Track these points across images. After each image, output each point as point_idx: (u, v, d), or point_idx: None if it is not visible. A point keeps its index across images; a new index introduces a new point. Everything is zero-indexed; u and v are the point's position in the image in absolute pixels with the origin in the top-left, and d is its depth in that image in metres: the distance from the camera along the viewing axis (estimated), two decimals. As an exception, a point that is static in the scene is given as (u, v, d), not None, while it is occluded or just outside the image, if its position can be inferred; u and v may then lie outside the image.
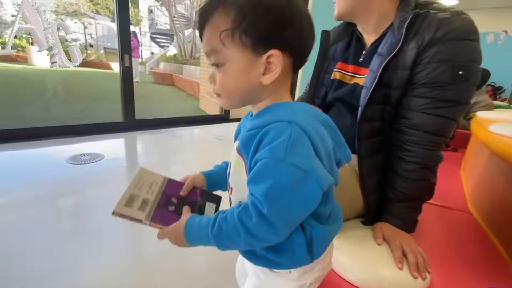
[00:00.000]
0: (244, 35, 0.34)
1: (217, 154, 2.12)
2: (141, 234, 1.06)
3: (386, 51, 0.65)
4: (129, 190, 0.44)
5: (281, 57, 0.35)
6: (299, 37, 0.37)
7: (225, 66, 0.37)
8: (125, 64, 2.27)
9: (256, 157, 0.34)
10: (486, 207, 0.93)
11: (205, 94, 3.92)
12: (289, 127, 0.33)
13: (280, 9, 0.34)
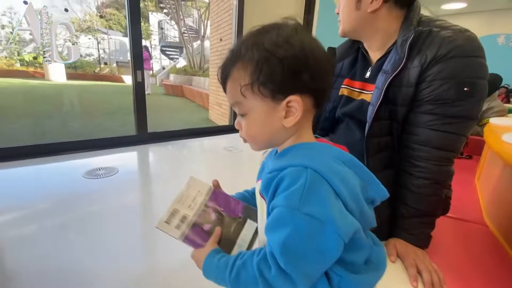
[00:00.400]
0: (262, 87, 0.36)
1: (226, 164, 2.15)
2: (156, 252, 1.08)
3: (390, 69, 0.66)
4: (173, 204, 0.46)
5: (300, 100, 0.37)
6: (317, 77, 0.37)
7: (248, 115, 0.40)
8: (138, 80, 2.36)
9: (272, 204, 0.35)
10: (502, 219, 0.91)
11: (214, 105, 3.99)
12: (305, 172, 0.33)
13: (293, 57, 0.36)
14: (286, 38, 0.36)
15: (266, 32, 0.38)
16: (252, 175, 1.79)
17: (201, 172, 1.95)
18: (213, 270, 0.40)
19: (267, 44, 0.36)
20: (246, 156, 2.33)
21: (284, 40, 0.36)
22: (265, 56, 0.36)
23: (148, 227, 1.23)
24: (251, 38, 0.38)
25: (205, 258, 0.41)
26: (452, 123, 0.60)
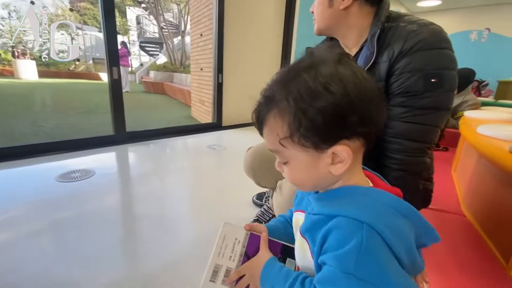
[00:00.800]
0: (303, 139, 0.33)
1: (210, 163, 2.11)
2: (137, 256, 1.03)
3: (363, 64, 0.67)
4: (213, 259, 0.43)
5: (348, 148, 0.33)
6: (366, 118, 0.33)
7: (290, 163, 0.37)
8: (114, 77, 2.25)
9: (322, 258, 0.32)
10: (479, 209, 0.94)
11: (196, 102, 3.90)
12: (360, 230, 0.30)
13: (336, 105, 0.31)
14: (326, 83, 0.32)
15: (301, 74, 0.33)
16: (237, 173, 1.76)
17: (185, 171, 1.90)
18: (272, 278, 0.39)
19: (304, 93, 0.32)
20: (230, 154, 2.30)
21: (323, 85, 0.31)
22: (303, 108, 0.32)
23: (128, 230, 1.18)
24: (286, 81, 0.34)
25: (264, 264, 0.40)
26: (423, 114, 0.61)
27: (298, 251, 0.40)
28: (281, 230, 0.50)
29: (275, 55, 3.55)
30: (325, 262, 0.32)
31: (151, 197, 1.48)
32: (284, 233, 0.49)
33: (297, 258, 0.41)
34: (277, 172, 1.02)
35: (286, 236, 0.49)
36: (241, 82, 3.23)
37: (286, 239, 0.47)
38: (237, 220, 1.24)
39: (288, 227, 0.51)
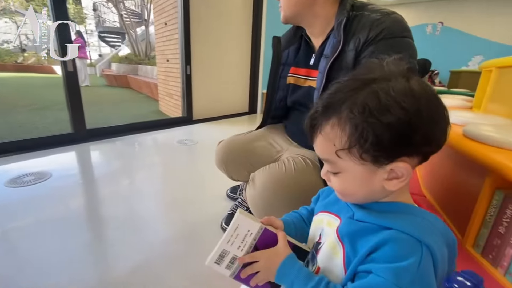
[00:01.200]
0: (364, 153, 0.32)
1: (182, 158, 2.03)
2: (105, 260, 0.97)
3: (330, 52, 0.68)
4: (222, 245, 0.42)
5: (408, 166, 0.32)
6: (431, 138, 0.32)
7: (342, 175, 0.35)
8: (68, 69, 2.05)
9: (369, 267, 0.31)
10: (437, 189, 1.01)
11: (164, 96, 3.73)
12: (420, 249, 0.30)
13: (406, 122, 0.30)
14: (399, 98, 0.30)
15: (371, 86, 0.31)
16: (209, 168, 1.71)
17: (155, 168, 1.81)
18: (293, 276, 0.37)
19: (374, 106, 0.30)
20: (202, 148, 2.24)
21: (395, 100, 0.30)
22: (370, 122, 0.30)
23: (93, 235, 1.10)
24: (351, 91, 0.32)
25: (283, 259, 0.38)
26: None
27: (325, 253, 0.38)
28: (294, 226, 0.49)
29: (245, 45, 3.49)
30: (373, 271, 0.30)
31: (119, 197, 1.39)
32: (296, 230, 0.49)
33: (321, 259, 0.39)
34: (249, 165, 1.01)
35: (298, 233, 0.48)
36: (210, 74, 3.14)
37: (298, 237, 0.47)
38: (211, 215, 1.22)
39: (303, 224, 0.50)
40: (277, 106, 1.00)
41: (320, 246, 0.41)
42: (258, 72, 3.62)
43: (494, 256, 0.64)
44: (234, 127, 2.95)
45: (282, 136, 1.02)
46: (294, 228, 0.49)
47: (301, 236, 0.48)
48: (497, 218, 0.64)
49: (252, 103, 3.78)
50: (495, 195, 0.66)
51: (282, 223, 0.47)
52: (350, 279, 0.34)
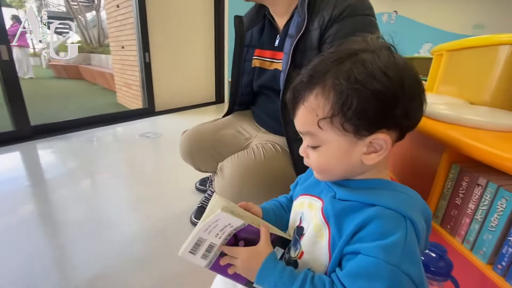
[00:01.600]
0: (347, 122, 0.31)
1: (145, 152, 1.91)
2: (64, 269, 0.87)
3: (295, 32, 0.66)
4: (199, 233, 0.39)
5: (388, 137, 0.32)
6: (411, 113, 0.33)
7: (322, 148, 0.35)
8: (3, 58, 1.78)
9: (357, 247, 0.30)
10: (399, 167, 1.07)
11: (121, 86, 3.46)
12: (404, 223, 0.30)
13: (390, 90, 0.30)
14: (384, 67, 0.30)
15: (359, 55, 0.32)
16: (176, 160, 1.63)
17: (116, 165, 1.67)
18: (275, 278, 0.35)
19: (361, 73, 0.30)
20: (167, 141, 2.13)
21: (381, 69, 0.30)
22: (355, 88, 0.30)
23: (48, 240, 0.98)
24: (338, 60, 0.32)
25: (264, 260, 0.36)
26: None
27: (310, 236, 0.37)
28: (274, 213, 0.48)
29: (207, 28, 3.33)
30: (362, 252, 0.30)
31: (76, 199, 1.26)
32: (275, 217, 0.47)
33: (305, 244, 0.38)
34: (217, 154, 0.96)
35: (278, 220, 0.47)
36: (172, 61, 2.96)
37: (277, 224, 0.45)
38: (179, 210, 1.16)
39: (282, 212, 0.49)
40: (243, 92, 0.96)
41: (304, 230, 0.39)
42: (223, 58, 3.50)
43: (452, 226, 0.69)
44: (201, 117, 2.83)
45: (250, 123, 0.99)
46: (274, 215, 0.47)
47: (280, 223, 0.47)
48: (453, 190, 0.69)
49: (218, 91, 3.67)
50: (452, 169, 0.70)
51: (261, 210, 0.46)
52: (337, 263, 0.33)
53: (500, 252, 0.58)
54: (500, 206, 0.57)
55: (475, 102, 0.98)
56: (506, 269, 0.56)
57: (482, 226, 0.61)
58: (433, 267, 0.49)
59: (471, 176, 0.64)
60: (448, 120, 0.76)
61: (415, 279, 0.29)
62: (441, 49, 1.29)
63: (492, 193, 0.59)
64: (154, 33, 2.68)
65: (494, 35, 0.90)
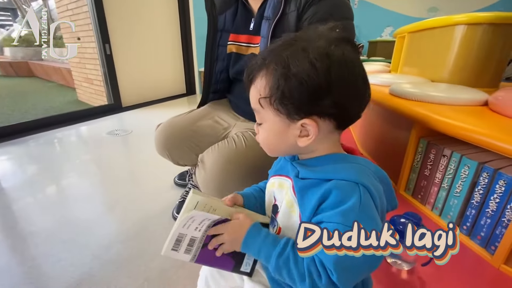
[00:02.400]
0: (278, 104, 0.35)
1: (116, 152, 1.81)
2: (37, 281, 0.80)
3: (271, 14, 0.65)
4: (178, 229, 0.40)
5: (315, 125, 0.35)
6: (340, 104, 0.35)
7: (264, 125, 0.39)
8: None
9: (320, 217, 0.34)
10: (371, 145, 1.12)
11: (82, 82, 3.20)
12: (357, 189, 0.33)
13: (315, 81, 0.33)
14: (313, 57, 0.33)
15: (294, 45, 0.35)
16: (150, 156, 1.55)
17: (85, 167, 1.56)
18: (259, 243, 0.38)
19: (291, 62, 0.34)
20: (138, 137, 2.03)
21: (309, 59, 0.33)
22: (285, 74, 0.34)
23: (10, 257, 0.90)
24: (281, 48, 0.36)
25: (248, 228, 0.40)
26: None
27: (284, 212, 0.41)
28: (254, 197, 0.50)
29: (172, 14, 3.16)
30: (324, 220, 0.33)
31: (43, 207, 1.16)
32: (256, 200, 0.50)
33: (280, 220, 0.42)
34: (195, 146, 0.94)
35: (258, 204, 0.49)
36: (136, 52, 2.79)
37: (258, 207, 0.49)
38: (159, 207, 1.13)
39: (262, 194, 0.51)
40: (218, 79, 0.93)
41: (278, 208, 0.42)
42: (191, 46, 3.36)
43: (422, 196, 0.75)
44: (173, 110, 2.72)
45: (227, 111, 0.97)
46: (254, 199, 0.50)
47: (261, 206, 0.49)
48: (422, 163, 0.74)
49: (189, 82, 3.55)
50: (420, 143, 0.75)
51: (242, 198, 0.48)
52: None
53: (464, 214, 0.64)
54: (463, 173, 0.63)
55: (436, 80, 1.05)
56: (470, 229, 0.63)
57: (449, 193, 0.67)
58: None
59: (437, 148, 0.70)
60: (414, 98, 0.81)
61: None
62: (403, 31, 1.35)
63: (456, 162, 0.65)
64: (113, 21, 2.48)
65: (450, 16, 0.96)
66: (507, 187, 0.54)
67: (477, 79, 0.95)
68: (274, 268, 0.36)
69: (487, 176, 0.58)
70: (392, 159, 0.90)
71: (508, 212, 0.55)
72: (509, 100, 0.66)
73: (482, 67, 0.94)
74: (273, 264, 0.36)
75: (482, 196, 0.60)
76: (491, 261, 0.57)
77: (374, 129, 1.10)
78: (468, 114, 0.68)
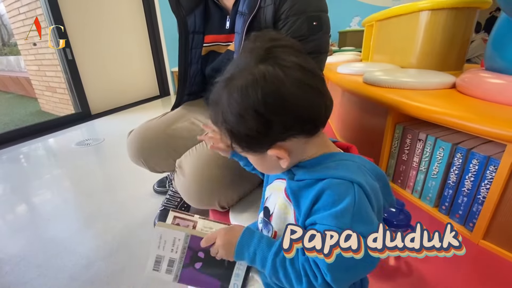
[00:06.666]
0: (240, 148, 0.35)
1: (88, 162, 1.70)
2: None
3: (247, 9, 0.62)
4: (154, 251, 0.41)
5: (281, 151, 0.34)
6: (292, 124, 0.33)
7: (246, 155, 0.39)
8: None
9: (313, 219, 0.32)
10: (348, 133, 1.14)
11: (43, 91, 2.98)
12: (351, 188, 0.32)
13: (252, 124, 0.31)
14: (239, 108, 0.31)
15: (222, 94, 0.33)
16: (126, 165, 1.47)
17: (55, 182, 1.45)
18: (254, 245, 0.37)
19: (225, 114, 0.33)
20: (112, 145, 1.93)
21: (236, 111, 0.32)
22: (228, 129, 0.34)
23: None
24: (216, 100, 0.34)
25: (242, 231, 0.38)
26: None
27: (278, 215, 0.40)
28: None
29: (136, 12, 3.00)
30: (317, 222, 0.32)
31: (10, 230, 1.07)
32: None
33: (275, 223, 0.41)
34: (172, 151, 0.89)
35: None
36: (101, 55, 2.63)
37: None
38: (140, 217, 1.07)
39: None
40: (193, 82, 0.90)
41: (271, 211, 0.41)
42: (160, 45, 3.22)
43: (402, 180, 0.77)
44: (146, 114, 2.61)
45: (204, 112, 0.93)
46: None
47: None
48: (400, 148, 0.76)
49: (162, 84, 3.42)
50: (396, 129, 0.77)
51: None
52: None
53: (442, 195, 0.66)
54: (439, 155, 0.65)
55: (405, 66, 1.08)
56: (449, 209, 0.65)
57: (426, 175, 0.69)
58: (395, 221, 0.53)
59: (412, 133, 0.71)
60: (387, 85, 0.82)
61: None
62: (371, 20, 1.38)
63: (431, 145, 0.67)
64: (71, 22, 2.31)
65: (414, 3, 0.98)
66: (480, 166, 0.57)
67: (443, 63, 0.99)
68: (270, 269, 0.35)
69: (461, 157, 0.60)
70: (370, 146, 0.92)
71: (483, 189, 0.57)
72: (475, 82, 0.69)
73: (447, 51, 0.98)
74: (269, 266, 0.35)
75: (457, 176, 0.62)
76: (470, 237, 0.60)
77: (351, 118, 1.12)
78: (438, 97, 0.70)
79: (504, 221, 0.54)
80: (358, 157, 0.38)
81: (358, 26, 4.00)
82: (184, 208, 1.02)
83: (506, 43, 0.66)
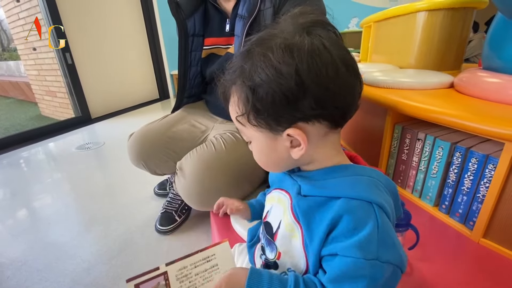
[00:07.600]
0: (256, 120, 0.32)
1: (88, 166, 1.70)
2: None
3: (247, 12, 0.63)
4: None
5: (301, 132, 0.31)
6: (323, 102, 0.30)
7: (252, 144, 0.36)
8: None
9: (333, 249, 0.29)
10: (349, 135, 1.14)
11: (43, 96, 2.99)
12: (372, 211, 0.29)
13: (285, 88, 0.28)
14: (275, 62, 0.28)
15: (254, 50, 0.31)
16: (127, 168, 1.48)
17: (57, 186, 1.46)
18: (266, 283, 0.32)
19: (254, 72, 0.30)
20: (113, 149, 1.93)
21: (272, 65, 0.29)
22: (252, 87, 0.30)
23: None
24: (243, 57, 0.32)
25: (248, 273, 0.33)
26: None
27: (284, 236, 0.36)
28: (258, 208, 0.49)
29: (136, 15, 3.03)
30: (339, 253, 0.29)
31: (12, 234, 1.07)
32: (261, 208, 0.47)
33: (280, 244, 0.37)
34: (173, 153, 0.90)
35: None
36: (100, 59, 2.65)
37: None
38: (141, 220, 1.08)
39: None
40: (193, 84, 0.90)
41: (274, 229, 0.38)
42: (159, 48, 3.24)
43: (402, 180, 0.77)
44: (146, 117, 2.61)
45: (204, 114, 0.94)
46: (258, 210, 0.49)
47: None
48: (399, 148, 0.76)
49: (161, 86, 3.43)
50: (395, 129, 0.77)
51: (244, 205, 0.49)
52: (318, 265, 0.32)
53: (442, 194, 0.66)
54: (438, 155, 0.65)
55: (404, 66, 1.09)
56: (449, 208, 0.65)
57: (426, 174, 0.70)
58: (395, 221, 0.53)
59: (412, 133, 0.72)
60: (386, 85, 0.83)
61: (395, 262, 0.29)
62: (369, 20, 1.38)
63: (430, 145, 0.67)
64: (71, 27, 2.33)
65: (412, 3, 0.99)
66: (479, 164, 0.57)
67: (441, 63, 0.99)
68: None
69: (460, 156, 0.61)
70: (370, 146, 0.92)
71: (482, 188, 0.57)
72: (473, 81, 0.70)
73: (445, 51, 0.98)
74: None
75: (457, 175, 0.62)
76: (470, 236, 0.60)
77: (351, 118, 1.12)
78: (436, 97, 0.71)
79: (504, 219, 0.54)
80: (373, 171, 0.34)
81: (356, 27, 4.02)
82: (185, 210, 1.03)
83: (503, 43, 0.66)
